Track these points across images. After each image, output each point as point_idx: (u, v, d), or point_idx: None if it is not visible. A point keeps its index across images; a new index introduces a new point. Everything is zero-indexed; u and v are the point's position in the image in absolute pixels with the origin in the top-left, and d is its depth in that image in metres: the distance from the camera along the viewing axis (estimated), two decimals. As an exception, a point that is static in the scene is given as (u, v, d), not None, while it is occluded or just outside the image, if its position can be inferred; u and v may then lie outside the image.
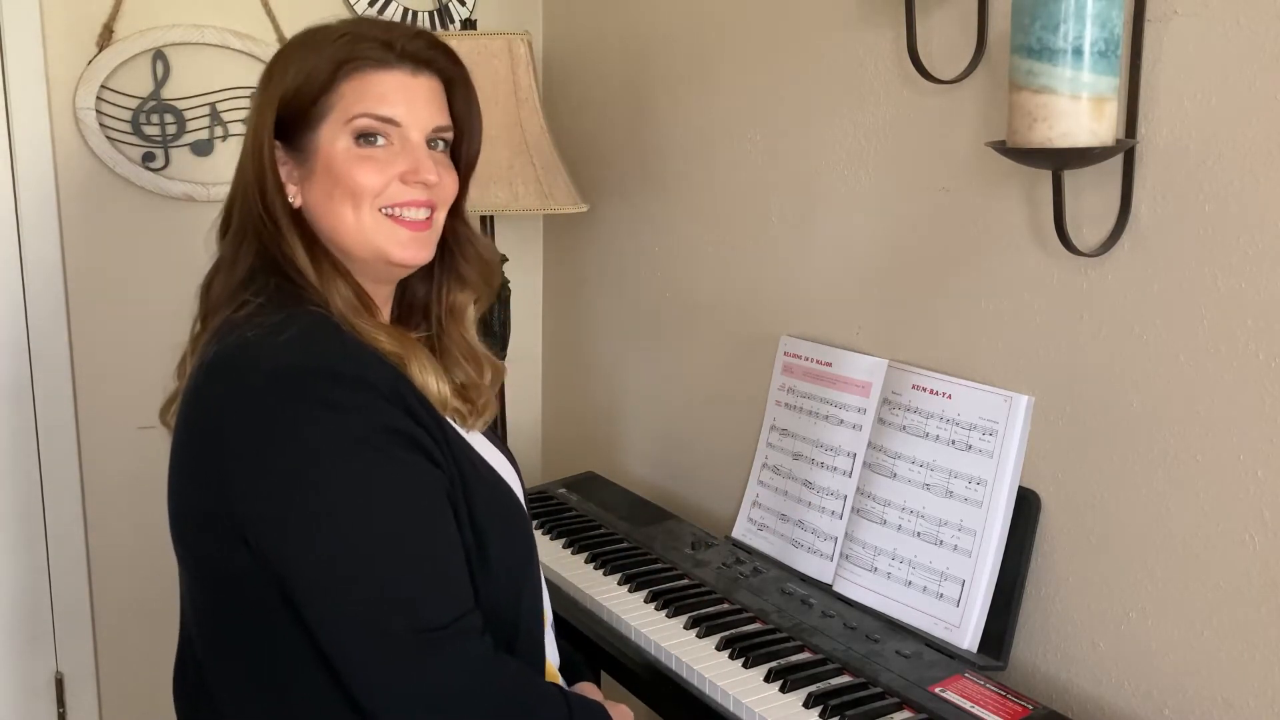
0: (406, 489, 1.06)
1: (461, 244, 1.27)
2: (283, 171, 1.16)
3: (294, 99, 1.14)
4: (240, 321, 1.09)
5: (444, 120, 1.20)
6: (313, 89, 1.14)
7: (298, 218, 1.16)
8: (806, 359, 1.73)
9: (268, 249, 1.15)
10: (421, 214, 1.18)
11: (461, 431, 1.19)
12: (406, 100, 1.15)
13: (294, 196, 1.16)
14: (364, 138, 1.14)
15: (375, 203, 1.15)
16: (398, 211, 1.16)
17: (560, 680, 1.30)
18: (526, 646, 1.20)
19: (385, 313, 1.24)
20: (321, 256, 1.15)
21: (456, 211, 1.25)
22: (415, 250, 1.18)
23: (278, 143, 1.16)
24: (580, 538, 1.79)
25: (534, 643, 1.22)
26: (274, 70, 1.17)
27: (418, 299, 1.28)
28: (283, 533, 1.03)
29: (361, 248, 1.16)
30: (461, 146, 1.25)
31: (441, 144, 1.21)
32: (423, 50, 1.17)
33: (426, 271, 1.25)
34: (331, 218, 1.15)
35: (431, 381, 1.14)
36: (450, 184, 1.21)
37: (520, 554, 1.21)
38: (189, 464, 1.10)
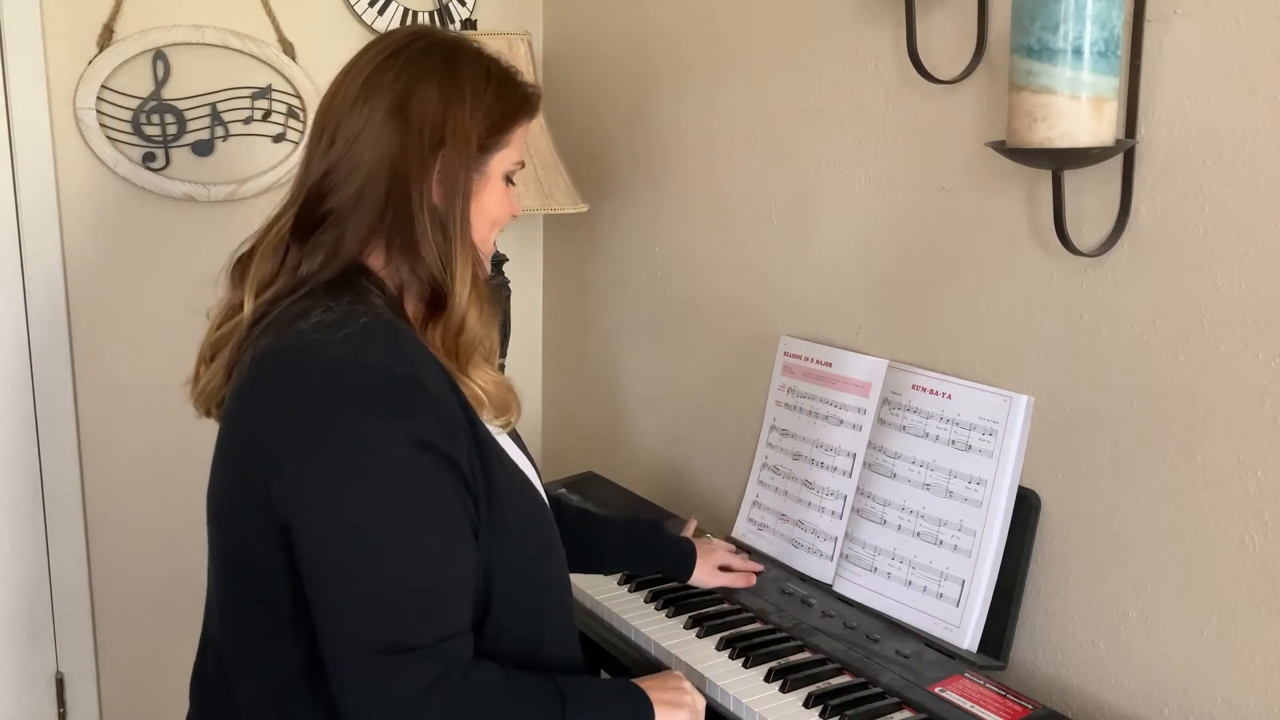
0: (425, 510, 1.07)
1: None
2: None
3: (486, 124, 1.18)
4: (298, 315, 1.10)
5: None
6: (505, 120, 1.20)
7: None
8: (806, 359, 1.73)
9: (348, 244, 1.15)
10: None
11: (492, 430, 1.21)
12: None
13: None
14: (512, 176, 1.25)
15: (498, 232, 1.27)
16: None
17: None
18: (555, 640, 1.22)
19: None
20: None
21: None
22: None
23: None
24: (580, 538, 1.79)
25: (564, 636, 1.25)
26: (466, 90, 1.17)
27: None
28: (303, 527, 1.06)
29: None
30: None
31: None
32: None
33: None
34: (474, 232, 1.21)
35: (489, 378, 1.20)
36: None
37: (550, 552, 1.24)
38: (236, 455, 1.12)
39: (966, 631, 1.42)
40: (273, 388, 1.08)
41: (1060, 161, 1.24)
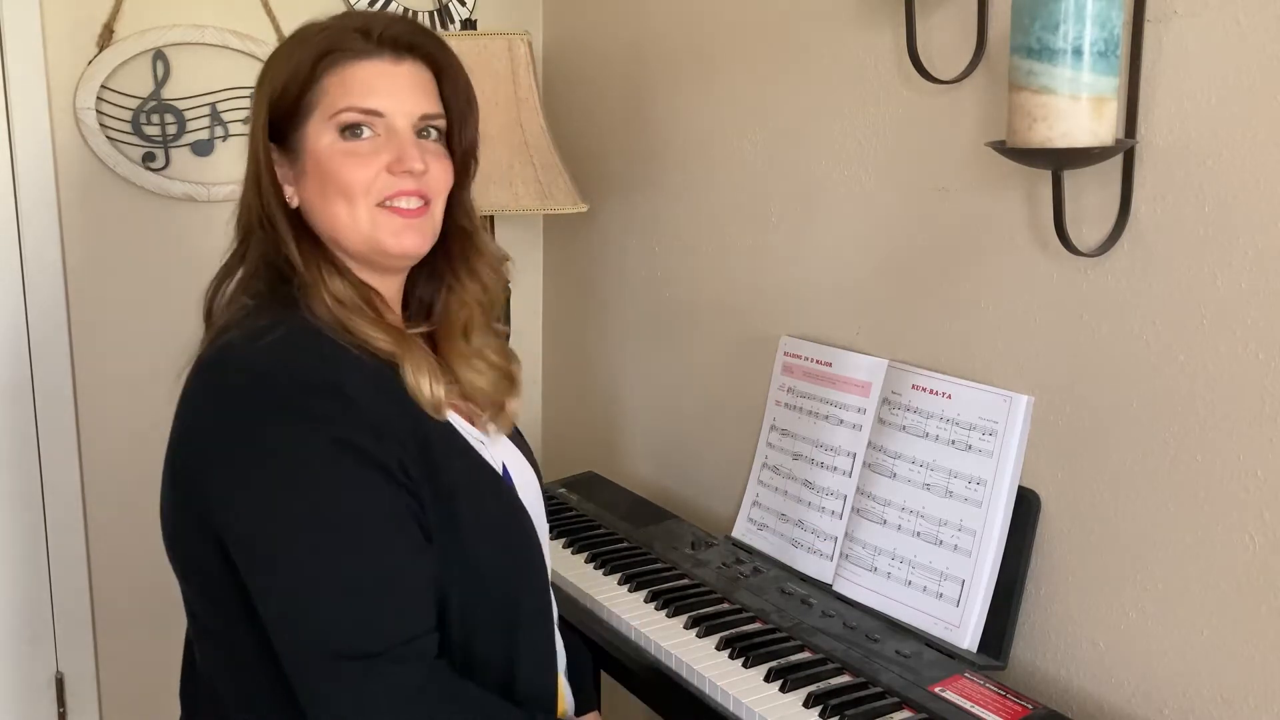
0: (357, 509, 1.04)
1: (461, 239, 1.24)
2: (280, 173, 1.15)
3: (281, 98, 1.13)
4: (231, 325, 1.10)
5: (433, 108, 1.17)
6: (297, 85, 1.13)
7: (296, 218, 1.15)
8: (806, 359, 1.73)
9: (267, 251, 1.15)
10: (414, 202, 1.15)
11: (464, 432, 1.18)
12: (389, 89, 1.13)
13: (291, 197, 1.16)
14: (348, 130, 1.12)
15: (368, 199, 1.13)
16: (391, 202, 1.14)
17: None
18: (529, 646, 1.19)
19: (396, 307, 1.23)
20: (317, 254, 1.14)
21: (458, 204, 1.23)
22: (411, 238, 1.15)
23: (273, 144, 1.15)
24: (580, 537, 1.79)
25: (537, 643, 1.21)
26: (266, 71, 1.17)
27: (423, 296, 1.26)
28: (236, 534, 1.04)
29: (359, 243, 1.14)
30: (454, 134, 1.21)
31: (434, 133, 1.19)
32: (404, 36, 1.15)
33: (431, 269, 1.23)
34: (327, 215, 1.14)
35: (425, 384, 1.11)
36: (441, 173, 1.18)
37: (518, 555, 1.19)
38: (173, 466, 1.11)
39: (966, 631, 1.42)
40: (199, 399, 1.08)
41: (1060, 161, 1.24)
